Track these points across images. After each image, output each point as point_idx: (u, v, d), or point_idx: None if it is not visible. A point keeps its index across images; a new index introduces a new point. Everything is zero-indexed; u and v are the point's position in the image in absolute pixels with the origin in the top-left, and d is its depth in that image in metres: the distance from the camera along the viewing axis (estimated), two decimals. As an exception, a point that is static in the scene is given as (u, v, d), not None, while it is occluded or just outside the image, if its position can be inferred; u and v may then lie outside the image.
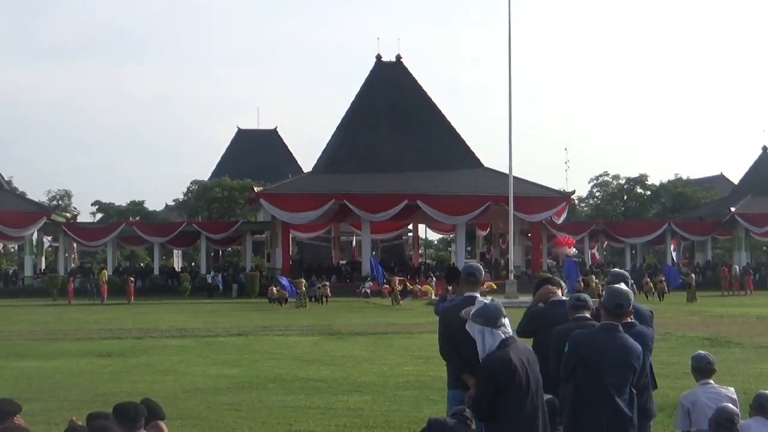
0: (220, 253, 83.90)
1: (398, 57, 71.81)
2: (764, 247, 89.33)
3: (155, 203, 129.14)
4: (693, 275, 53.10)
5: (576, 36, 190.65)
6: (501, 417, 6.40)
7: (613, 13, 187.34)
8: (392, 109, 67.97)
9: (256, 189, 63.26)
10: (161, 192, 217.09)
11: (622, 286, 7.52)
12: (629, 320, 7.81)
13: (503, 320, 6.54)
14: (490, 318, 6.50)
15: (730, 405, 7.56)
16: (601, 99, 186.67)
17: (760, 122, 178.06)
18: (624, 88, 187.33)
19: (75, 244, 69.60)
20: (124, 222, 69.27)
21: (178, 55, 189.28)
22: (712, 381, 8.62)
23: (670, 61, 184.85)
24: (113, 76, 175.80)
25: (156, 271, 67.01)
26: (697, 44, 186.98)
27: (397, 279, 51.11)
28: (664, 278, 52.99)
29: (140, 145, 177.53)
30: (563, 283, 9.34)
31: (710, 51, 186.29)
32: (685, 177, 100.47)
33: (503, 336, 6.50)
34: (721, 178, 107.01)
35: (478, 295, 8.59)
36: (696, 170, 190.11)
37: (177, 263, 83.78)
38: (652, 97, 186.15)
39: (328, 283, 50.14)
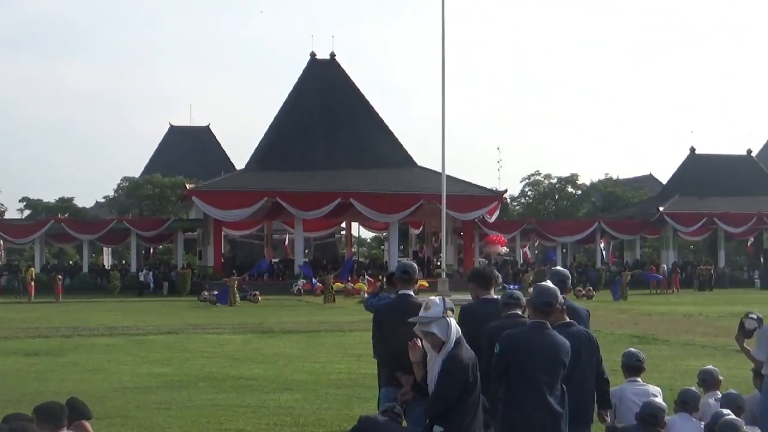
0: (151, 251, 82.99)
1: (332, 55, 71.66)
2: (691, 246, 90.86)
3: (85, 200, 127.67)
4: (627, 273, 53.89)
5: (508, 36, 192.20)
6: (454, 415, 6.42)
7: (545, 13, 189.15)
8: (326, 107, 67.81)
9: (188, 186, 62.67)
10: (91, 189, 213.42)
11: (549, 283, 7.52)
12: (566, 320, 7.87)
13: (450, 315, 6.58)
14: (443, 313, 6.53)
15: (657, 400, 7.67)
16: (534, 99, 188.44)
17: (689, 123, 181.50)
18: (555, 88, 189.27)
19: (2, 241, 68.38)
20: (53, 219, 68.10)
21: (109, 51, 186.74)
22: (639, 379, 8.76)
23: (599, 62, 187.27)
24: (43, 70, 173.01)
25: (85, 269, 66.08)
26: (625, 45, 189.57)
27: (331, 277, 50.96)
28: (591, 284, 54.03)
29: (70, 141, 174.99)
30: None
31: (638, 52, 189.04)
32: (615, 177, 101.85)
33: (458, 334, 6.53)
34: (650, 178, 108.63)
35: (412, 292, 8.62)
36: (626, 170, 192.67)
37: (107, 261, 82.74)
38: (582, 98, 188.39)
39: (258, 292, 49.37)
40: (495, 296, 8.68)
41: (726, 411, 7.41)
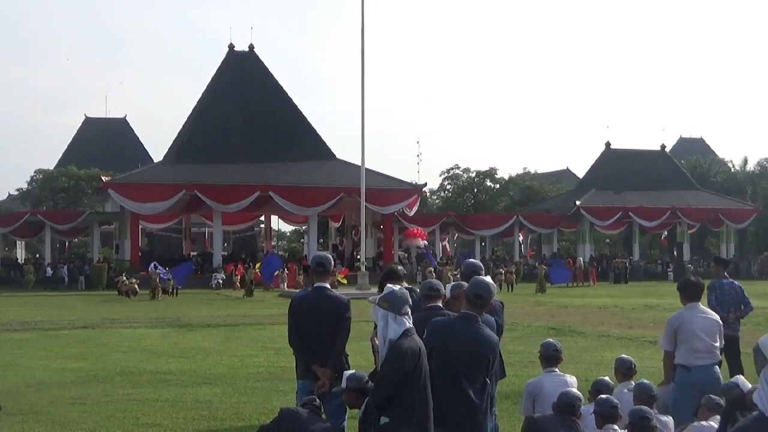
0: (67, 244, 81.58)
1: (251, 47, 71.15)
2: (607, 240, 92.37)
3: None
4: (544, 266, 54.52)
5: (427, 29, 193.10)
6: (399, 406, 6.41)
7: (463, 6, 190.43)
8: (244, 100, 67.39)
9: (104, 178, 61.78)
10: (3, 181, 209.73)
11: (485, 277, 7.56)
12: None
13: (407, 308, 6.55)
14: (395, 304, 6.51)
15: (573, 390, 7.77)
16: (452, 93, 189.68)
17: (604, 119, 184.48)
18: (474, 82, 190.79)
19: None
20: (-36, 211, 66.63)
21: (22, 40, 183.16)
22: (557, 369, 8.85)
23: (517, 57, 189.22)
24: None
25: (-2, 263, 64.71)
26: (544, 42, 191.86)
27: (252, 271, 50.67)
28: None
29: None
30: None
31: (556, 48, 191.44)
32: (532, 171, 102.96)
33: (407, 324, 6.52)
34: (567, 173, 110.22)
35: (328, 285, 8.62)
36: (543, 165, 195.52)
37: (20, 255, 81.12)
38: (501, 93, 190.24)
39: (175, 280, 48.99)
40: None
41: (643, 406, 7.56)
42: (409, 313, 6.57)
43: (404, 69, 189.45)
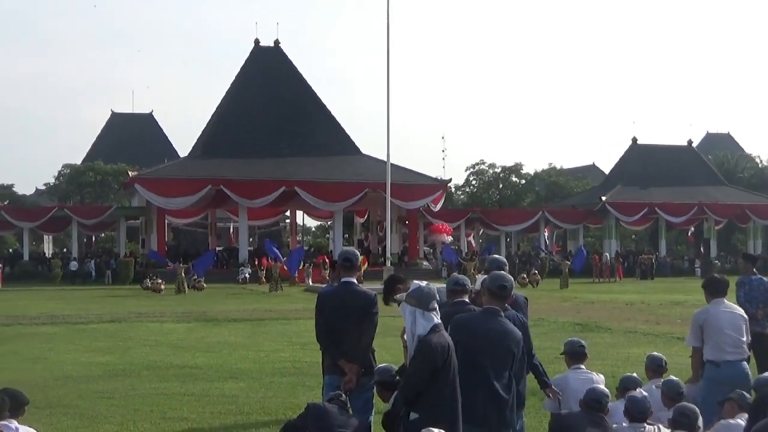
0: (93, 239, 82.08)
1: (276, 42, 71.31)
2: (633, 236, 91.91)
3: (25, 187, 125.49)
4: (567, 262, 54.30)
5: (453, 23, 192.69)
6: (428, 401, 6.41)
7: (489, 5, 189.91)
8: (270, 95, 67.50)
9: (130, 173, 62.06)
10: (31, 176, 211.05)
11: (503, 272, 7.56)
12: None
13: (434, 304, 6.54)
14: (423, 300, 6.51)
15: (600, 386, 7.74)
16: (478, 88, 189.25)
17: (631, 114, 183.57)
18: (500, 77, 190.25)
19: (-61, 228, 67.15)
20: (-8, 206, 67.15)
21: (50, 36, 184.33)
22: (583, 366, 8.83)
23: (545, 53, 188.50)
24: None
25: (26, 257, 65.10)
26: (570, 36, 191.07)
27: (278, 265, 50.72)
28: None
29: (10, 127, 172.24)
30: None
31: (582, 43, 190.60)
32: (558, 166, 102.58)
33: (435, 320, 6.51)
34: (593, 168, 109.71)
35: (355, 280, 8.61)
36: (569, 160, 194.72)
37: (48, 249, 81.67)
38: (527, 88, 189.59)
39: (202, 279, 48.95)
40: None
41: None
42: (437, 308, 6.56)
43: (429, 64, 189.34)
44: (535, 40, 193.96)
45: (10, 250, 77.70)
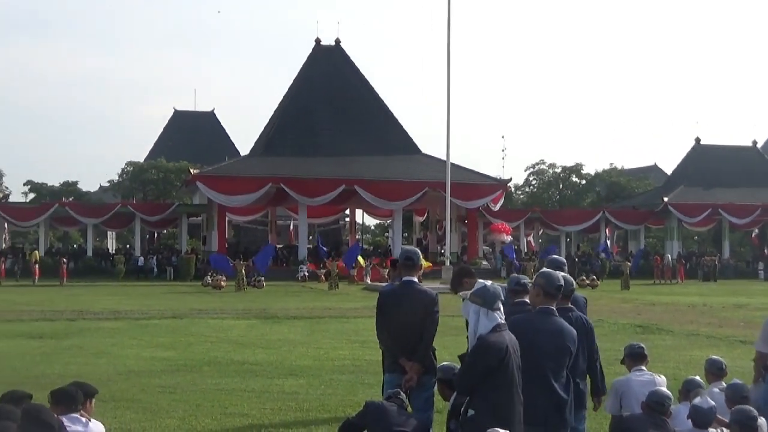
0: (155, 235, 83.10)
1: (337, 41, 71.57)
2: (695, 237, 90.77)
3: (89, 184, 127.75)
4: (628, 263, 53.81)
5: (514, 25, 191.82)
6: (484, 400, 6.43)
7: (552, 3, 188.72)
8: (330, 93, 67.72)
9: (192, 171, 62.62)
10: (95, 173, 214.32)
11: (558, 272, 7.53)
12: (567, 305, 7.88)
13: (499, 304, 6.55)
14: (488, 299, 6.52)
15: (663, 389, 7.67)
16: (539, 88, 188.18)
17: (694, 114, 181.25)
18: (561, 77, 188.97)
19: (6, 224, 68.36)
20: (57, 202, 68.13)
21: (114, 34, 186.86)
22: (644, 367, 8.76)
23: (606, 52, 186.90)
24: (48, 52, 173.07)
25: (89, 253, 66.04)
26: (631, 35, 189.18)
27: (335, 263, 50.85)
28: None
29: (75, 125, 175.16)
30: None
31: (644, 43, 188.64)
32: (619, 167, 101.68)
33: (499, 319, 6.52)
34: (654, 169, 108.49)
35: (416, 279, 8.63)
36: (630, 160, 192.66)
37: (111, 245, 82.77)
38: (588, 87, 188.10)
39: (263, 278, 49.25)
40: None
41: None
42: (501, 308, 6.56)
43: (490, 63, 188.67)
44: (597, 40, 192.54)
45: (75, 246, 78.84)
